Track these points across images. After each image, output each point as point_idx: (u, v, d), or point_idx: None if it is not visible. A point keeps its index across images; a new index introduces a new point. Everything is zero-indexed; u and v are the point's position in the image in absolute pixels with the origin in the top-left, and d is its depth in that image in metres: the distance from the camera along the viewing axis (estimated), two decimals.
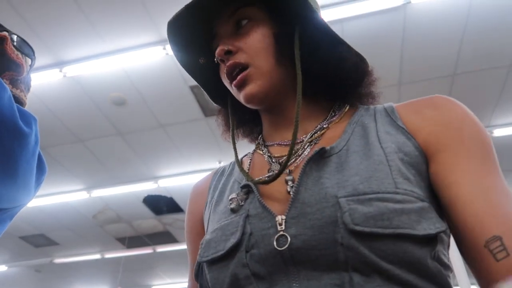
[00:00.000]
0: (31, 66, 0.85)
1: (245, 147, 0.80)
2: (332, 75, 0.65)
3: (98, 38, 3.26)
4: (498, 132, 4.26)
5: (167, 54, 3.35)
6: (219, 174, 0.76)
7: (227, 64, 0.64)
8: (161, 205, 5.62)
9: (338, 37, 0.65)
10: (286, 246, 0.49)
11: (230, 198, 0.61)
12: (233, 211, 0.58)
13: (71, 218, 5.77)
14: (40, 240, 6.44)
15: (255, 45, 0.64)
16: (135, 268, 7.47)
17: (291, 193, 0.55)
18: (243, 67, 0.64)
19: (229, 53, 0.64)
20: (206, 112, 4.05)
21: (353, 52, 0.68)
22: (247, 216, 0.55)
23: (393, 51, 3.43)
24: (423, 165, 0.56)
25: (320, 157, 0.57)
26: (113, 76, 3.60)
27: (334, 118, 0.66)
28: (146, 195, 5.39)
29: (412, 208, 0.48)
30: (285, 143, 0.67)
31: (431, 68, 3.60)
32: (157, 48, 3.30)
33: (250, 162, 0.71)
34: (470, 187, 0.52)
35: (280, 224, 0.51)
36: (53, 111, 3.96)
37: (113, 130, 4.26)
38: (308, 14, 0.64)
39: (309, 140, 0.63)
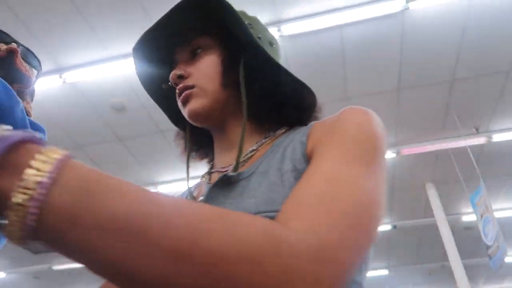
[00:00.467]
0: (37, 77, 0.85)
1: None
2: (271, 99, 0.70)
3: (98, 44, 3.27)
4: (497, 138, 4.27)
5: None
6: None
7: (178, 87, 0.70)
8: None
9: (279, 65, 0.70)
10: None
11: None
12: None
13: None
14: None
15: (204, 70, 0.70)
16: None
17: None
18: (190, 87, 0.69)
19: (181, 77, 0.70)
20: None
21: (292, 78, 0.70)
22: None
23: (392, 57, 3.44)
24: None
25: (227, 183, 0.60)
26: (113, 82, 3.61)
27: (266, 140, 0.70)
28: None
29: None
30: (223, 169, 0.71)
31: (429, 74, 3.62)
32: None
33: (195, 187, 0.78)
34: (308, 172, 0.49)
35: None
36: (53, 117, 3.96)
37: (112, 135, 4.26)
38: (252, 44, 0.69)
39: (237, 163, 0.65)
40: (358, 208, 0.43)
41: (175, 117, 0.82)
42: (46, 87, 3.58)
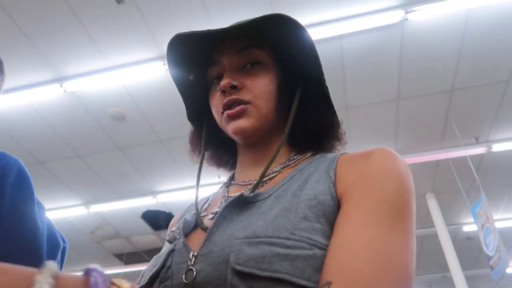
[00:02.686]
0: None
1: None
2: (313, 130, 0.71)
3: (98, 54, 3.28)
4: (497, 147, 4.27)
5: (167, 69, 3.38)
6: (189, 208, 0.82)
7: (230, 98, 0.68)
8: (160, 220, 5.58)
9: (331, 104, 0.72)
10: (191, 280, 0.53)
11: (171, 230, 0.66)
12: (169, 242, 0.64)
13: (68, 234, 5.72)
14: None
15: (261, 88, 0.69)
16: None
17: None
18: (245, 103, 0.68)
19: (233, 87, 0.68)
20: None
21: (335, 113, 0.73)
22: (172, 250, 0.60)
23: (391, 67, 3.46)
24: (335, 214, 0.55)
25: (243, 202, 0.60)
26: (113, 91, 3.62)
27: (290, 163, 0.70)
28: (145, 210, 5.36)
29: (300, 255, 0.49)
30: (244, 183, 0.71)
31: (429, 84, 3.63)
32: (157, 63, 3.32)
33: (213, 197, 0.77)
34: (345, 237, 0.51)
35: (191, 260, 0.55)
36: (53, 126, 3.97)
37: (112, 145, 4.26)
38: (314, 73, 0.70)
39: (257, 183, 0.66)
40: (403, 281, 0.48)
41: (191, 112, 0.82)
42: (46, 96, 3.59)
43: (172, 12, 3.00)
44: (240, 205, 0.60)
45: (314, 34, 3.12)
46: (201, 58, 0.74)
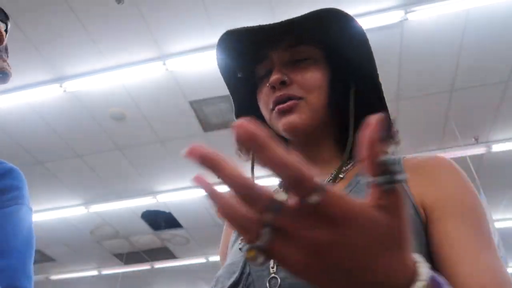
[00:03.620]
0: (6, 31, 0.84)
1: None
2: None
3: (98, 54, 3.28)
4: (496, 148, 4.27)
5: (167, 69, 3.38)
6: None
7: (280, 94, 0.66)
8: (160, 220, 5.58)
9: (383, 97, 0.71)
10: (276, 287, 0.54)
11: (241, 237, 0.66)
12: (240, 250, 0.64)
13: (68, 234, 5.72)
14: (36, 256, 6.35)
15: (312, 82, 0.67)
16: (132, 285, 7.37)
17: None
18: (296, 98, 0.66)
19: (283, 83, 0.66)
20: (206, 127, 4.06)
21: (388, 111, 0.73)
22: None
23: (391, 67, 3.46)
24: (418, 224, 0.58)
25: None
26: (113, 91, 3.62)
27: (349, 167, 0.69)
28: (144, 210, 5.36)
29: None
30: None
31: (429, 84, 3.63)
32: (157, 63, 3.32)
33: None
34: (469, 267, 0.54)
35: (272, 267, 0.55)
36: (53, 126, 3.97)
37: (112, 145, 4.26)
38: (366, 70, 0.70)
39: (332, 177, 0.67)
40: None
41: (238, 109, 0.81)
42: (46, 96, 3.59)
43: (172, 12, 3.00)
44: None
45: None
46: (249, 54, 0.72)
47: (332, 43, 0.70)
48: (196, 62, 3.32)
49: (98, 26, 3.08)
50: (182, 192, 4.94)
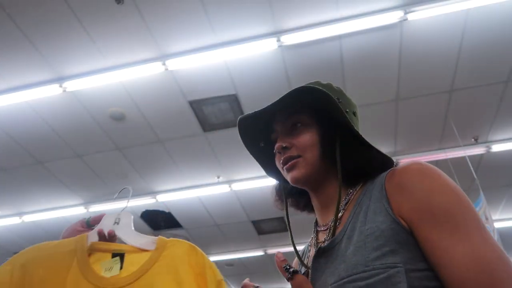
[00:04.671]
0: None
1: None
2: (362, 170, 0.83)
3: (98, 54, 3.28)
4: (496, 148, 4.27)
5: (166, 69, 3.38)
6: (304, 250, 1.00)
7: (284, 156, 0.87)
8: (159, 220, 5.58)
9: (368, 143, 0.83)
10: None
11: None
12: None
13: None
14: None
15: (305, 143, 0.85)
16: None
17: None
18: (295, 157, 0.85)
19: (285, 148, 0.87)
20: (205, 127, 4.06)
21: (380, 153, 0.83)
22: None
23: (391, 67, 3.46)
24: (403, 234, 0.66)
25: (324, 253, 0.76)
26: (113, 91, 3.62)
27: (349, 197, 0.83)
28: (144, 210, 5.36)
29: (377, 280, 0.63)
30: (323, 228, 0.87)
31: (428, 84, 3.63)
32: (157, 63, 3.32)
33: (310, 246, 0.94)
34: (450, 268, 0.62)
35: None
36: (52, 126, 3.97)
37: (111, 145, 4.26)
38: (347, 126, 0.83)
39: (332, 226, 0.80)
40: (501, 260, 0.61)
41: (268, 169, 1.00)
42: (46, 96, 3.59)
43: (172, 12, 3.00)
44: (323, 255, 0.77)
45: (314, 35, 3.12)
46: (264, 128, 0.94)
47: (315, 109, 0.87)
48: (196, 62, 3.33)
49: (97, 26, 3.08)
50: (182, 192, 4.94)
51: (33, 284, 0.80)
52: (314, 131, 0.86)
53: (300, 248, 0.95)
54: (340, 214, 0.81)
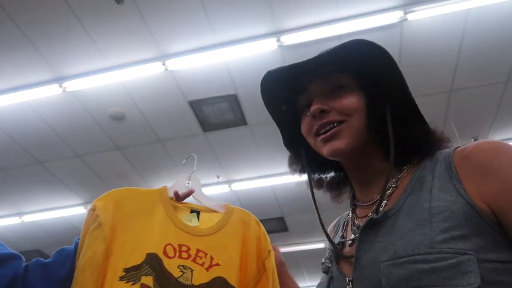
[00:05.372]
0: None
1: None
2: (411, 142, 0.73)
3: (98, 54, 3.28)
4: None
5: (166, 69, 3.38)
6: (335, 228, 0.91)
7: (321, 121, 0.73)
8: None
9: (423, 117, 0.76)
10: None
11: (322, 261, 0.79)
12: (324, 272, 0.77)
13: (67, 234, 5.71)
14: (35, 256, 6.30)
15: (350, 106, 0.72)
16: None
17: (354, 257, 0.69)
18: (337, 123, 0.72)
19: (323, 112, 0.72)
20: (205, 127, 4.06)
21: (434, 128, 0.77)
22: (331, 278, 0.73)
23: None
24: (477, 219, 0.59)
25: (376, 225, 0.67)
26: (113, 91, 3.62)
27: (402, 174, 0.73)
28: None
29: (444, 266, 0.55)
30: (367, 204, 0.77)
31: (427, 84, 3.63)
32: (157, 64, 3.32)
33: (346, 222, 0.85)
34: None
35: (349, 285, 0.67)
36: (52, 126, 3.96)
37: (111, 145, 4.26)
38: (399, 94, 0.73)
39: (379, 204, 0.71)
40: None
41: (287, 138, 0.87)
42: (46, 96, 3.59)
43: (171, 12, 3.00)
44: (374, 227, 0.66)
45: (314, 35, 3.12)
46: (291, 88, 0.79)
47: (362, 70, 0.74)
48: (196, 62, 3.33)
49: (97, 26, 3.08)
50: None
51: (125, 216, 0.93)
52: (359, 96, 0.73)
53: (317, 246, 0.94)
54: (389, 192, 0.71)
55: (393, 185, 0.71)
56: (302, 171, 0.86)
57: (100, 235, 0.90)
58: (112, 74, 3.41)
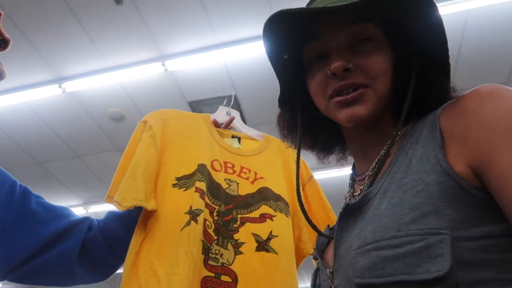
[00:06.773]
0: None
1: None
2: (431, 106, 0.62)
3: (97, 54, 3.28)
4: None
5: (166, 70, 3.38)
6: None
7: (343, 82, 0.59)
8: None
9: (449, 71, 0.66)
10: None
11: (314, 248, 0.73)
12: (315, 258, 0.70)
13: None
14: None
15: (378, 68, 0.60)
16: None
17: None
18: (362, 86, 0.60)
19: (346, 70, 0.59)
20: None
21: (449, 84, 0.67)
22: (317, 270, 0.67)
23: None
24: (454, 189, 0.48)
25: (354, 210, 0.58)
26: (112, 92, 3.61)
27: (395, 140, 0.62)
28: None
29: (409, 251, 0.46)
30: (360, 179, 0.67)
31: None
32: (156, 64, 3.32)
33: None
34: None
35: (329, 277, 0.60)
36: (52, 126, 3.96)
37: (111, 145, 4.26)
38: (434, 47, 0.63)
39: (371, 175, 0.62)
40: None
41: (283, 92, 0.73)
42: (45, 96, 3.59)
43: (171, 12, 3.00)
44: (353, 213, 0.58)
45: None
46: (296, 33, 0.64)
47: (392, 19, 0.62)
48: (195, 62, 3.32)
49: (97, 26, 3.08)
50: None
51: (173, 134, 1.03)
52: (387, 53, 0.62)
53: None
54: (383, 159, 0.61)
55: (384, 154, 0.61)
56: (292, 131, 0.74)
57: (154, 145, 1.01)
58: (112, 75, 3.40)
